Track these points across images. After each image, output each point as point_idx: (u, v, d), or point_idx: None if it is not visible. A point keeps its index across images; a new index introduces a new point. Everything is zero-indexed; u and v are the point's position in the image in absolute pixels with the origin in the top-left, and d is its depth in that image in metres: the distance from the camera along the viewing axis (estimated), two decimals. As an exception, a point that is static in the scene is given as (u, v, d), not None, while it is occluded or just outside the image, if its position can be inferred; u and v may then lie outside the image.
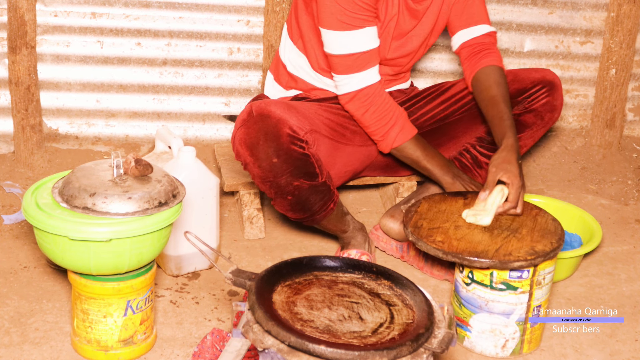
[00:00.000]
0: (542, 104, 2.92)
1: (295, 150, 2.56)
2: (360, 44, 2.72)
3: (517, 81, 2.96)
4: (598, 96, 3.85)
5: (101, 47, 3.39)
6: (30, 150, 3.41)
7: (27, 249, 2.89)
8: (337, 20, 2.67)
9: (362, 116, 2.80)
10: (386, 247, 3.04)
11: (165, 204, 2.25)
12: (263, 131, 2.55)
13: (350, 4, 2.65)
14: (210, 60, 3.49)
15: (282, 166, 2.58)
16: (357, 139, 2.89)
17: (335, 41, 2.72)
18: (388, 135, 2.83)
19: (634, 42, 3.77)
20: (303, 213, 2.73)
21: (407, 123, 2.85)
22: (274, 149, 2.56)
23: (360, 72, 2.75)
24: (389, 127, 2.81)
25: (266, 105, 2.59)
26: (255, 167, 2.61)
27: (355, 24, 2.68)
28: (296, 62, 2.93)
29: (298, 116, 2.61)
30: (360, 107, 2.78)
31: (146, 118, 3.53)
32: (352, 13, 2.67)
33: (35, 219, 2.20)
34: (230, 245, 3.03)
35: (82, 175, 2.26)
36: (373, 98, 2.77)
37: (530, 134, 2.98)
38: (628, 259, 3.09)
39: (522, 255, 2.40)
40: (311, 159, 2.61)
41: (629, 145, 3.96)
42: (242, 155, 2.63)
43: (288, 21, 2.97)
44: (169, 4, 3.39)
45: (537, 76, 2.95)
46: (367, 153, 2.96)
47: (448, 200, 2.76)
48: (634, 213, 3.46)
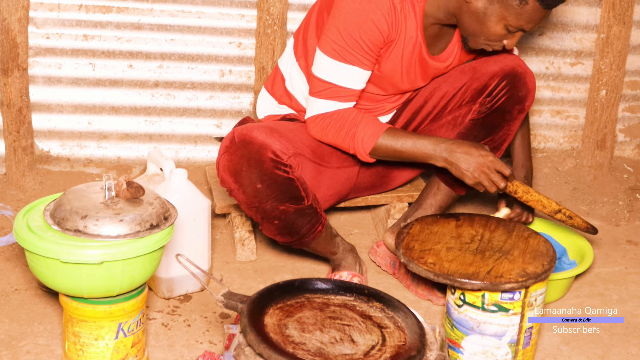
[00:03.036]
0: (506, 99, 2.84)
1: (280, 175, 2.56)
2: (342, 79, 2.68)
3: (475, 79, 2.88)
4: (589, 117, 3.87)
5: (93, 69, 3.40)
6: (22, 172, 3.41)
7: (18, 272, 2.89)
8: (333, 48, 2.65)
9: (323, 138, 2.76)
10: (381, 263, 3.06)
11: (157, 226, 2.25)
12: (246, 157, 2.55)
13: (351, 40, 2.62)
14: (202, 82, 3.50)
15: (266, 191, 2.58)
16: (334, 161, 2.87)
17: (322, 64, 2.69)
18: (355, 144, 2.74)
19: (624, 64, 3.79)
20: (291, 237, 2.73)
21: (370, 124, 2.73)
22: (258, 175, 2.56)
23: (327, 99, 2.71)
24: (351, 135, 2.73)
25: (248, 130, 2.58)
26: (240, 194, 2.61)
27: (348, 58, 2.65)
28: (295, 80, 2.91)
29: (281, 140, 2.60)
30: (320, 129, 2.74)
31: (138, 140, 3.53)
32: (350, 48, 2.64)
33: (27, 242, 2.19)
34: (222, 267, 3.03)
35: (73, 198, 2.26)
36: (330, 118, 2.72)
37: (505, 130, 2.90)
38: (619, 280, 3.10)
39: (513, 277, 2.40)
40: (296, 183, 2.61)
41: (619, 166, 3.97)
42: (226, 181, 2.63)
43: (295, 36, 2.93)
44: (160, 26, 3.40)
45: (496, 68, 2.85)
46: (346, 175, 2.94)
47: (440, 222, 2.76)
48: (626, 234, 3.47)
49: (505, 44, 2.68)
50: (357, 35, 2.62)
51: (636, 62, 3.86)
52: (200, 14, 3.41)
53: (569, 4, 3.69)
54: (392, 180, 3.14)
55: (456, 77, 2.92)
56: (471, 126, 2.89)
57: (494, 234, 2.69)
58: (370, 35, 2.62)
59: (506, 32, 2.62)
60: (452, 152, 2.69)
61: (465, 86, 2.89)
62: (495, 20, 2.59)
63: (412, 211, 3.04)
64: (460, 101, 2.90)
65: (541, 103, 3.83)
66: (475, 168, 2.68)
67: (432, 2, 2.69)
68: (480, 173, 2.68)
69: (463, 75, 2.91)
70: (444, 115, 2.94)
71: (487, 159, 2.67)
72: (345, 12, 2.61)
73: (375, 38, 2.64)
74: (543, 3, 2.54)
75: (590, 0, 3.71)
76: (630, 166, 3.97)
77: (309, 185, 2.72)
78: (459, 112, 2.91)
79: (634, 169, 3.95)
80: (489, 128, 2.87)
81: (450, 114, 2.93)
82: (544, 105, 3.84)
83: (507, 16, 2.57)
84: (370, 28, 2.61)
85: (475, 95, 2.87)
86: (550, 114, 3.86)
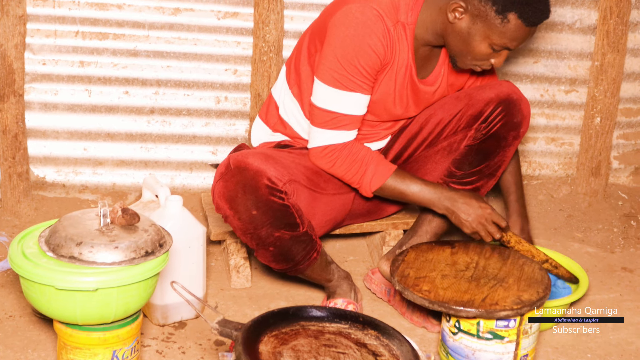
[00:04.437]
0: (502, 125, 2.85)
1: (275, 202, 2.57)
2: (345, 106, 2.70)
3: (471, 105, 2.89)
4: (583, 144, 3.88)
5: (89, 95, 3.41)
6: (17, 198, 3.41)
7: (12, 298, 2.88)
8: (333, 76, 2.66)
9: (331, 169, 2.78)
10: (376, 290, 3.05)
11: (152, 253, 2.25)
12: (241, 184, 2.56)
13: (350, 67, 2.64)
14: (197, 109, 3.51)
15: (261, 218, 2.58)
16: (330, 188, 2.88)
17: (323, 94, 2.70)
18: (363, 181, 2.79)
19: (618, 91, 3.80)
20: (286, 263, 2.72)
21: (380, 164, 2.79)
22: (253, 201, 2.56)
23: (334, 130, 2.73)
24: (361, 174, 2.77)
25: (244, 157, 2.59)
26: (235, 220, 2.62)
27: (349, 86, 2.66)
28: (289, 107, 2.92)
29: (276, 166, 2.61)
30: (328, 161, 2.76)
31: (133, 166, 3.53)
32: (350, 75, 2.65)
33: (22, 268, 2.19)
34: (217, 294, 3.02)
35: (68, 224, 2.25)
36: (340, 152, 2.75)
37: (500, 156, 2.91)
38: (615, 307, 3.09)
39: (508, 305, 2.40)
40: (291, 210, 2.61)
41: (614, 193, 3.97)
42: (221, 208, 2.64)
43: (287, 64, 2.94)
44: (157, 53, 3.41)
45: (491, 95, 2.87)
46: (342, 202, 2.95)
47: (435, 249, 2.76)
48: (620, 261, 3.47)
49: (493, 63, 2.70)
50: (356, 61, 2.63)
51: (630, 89, 3.88)
52: (196, 41, 3.42)
53: (563, 31, 3.71)
54: (387, 207, 3.14)
55: (452, 103, 2.93)
56: (466, 152, 2.90)
57: (489, 261, 2.69)
58: (368, 60, 2.64)
59: (491, 50, 2.64)
60: (454, 201, 2.77)
61: (460, 112, 2.89)
62: (479, 40, 2.62)
63: (407, 238, 3.04)
64: (455, 127, 2.91)
65: (536, 130, 3.84)
66: (474, 219, 2.76)
67: (421, 25, 2.72)
68: (478, 224, 2.76)
69: (458, 102, 2.92)
70: (439, 141, 2.95)
71: (486, 211, 2.76)
72: (341, 39, 2.63)
73: (374, 62, 2.66)
74: (525, 21, 2.56)
75: (584, 28, 3.73)
76: (625, 193, 3.98)
77: (305, 211, 2.72)
78: (455, 138, 2.92)
79: (628, 196, 3.96)
80: (484, 154, 2.87)
81: (445, 140, 2.93)
82: (539, 132, 3.86)
83: (491, 35, 2.59)
84: (367, 52, 2.63)
85: (470, 122, 2.88)
86: (545, 141, 3.87)
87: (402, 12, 2.70)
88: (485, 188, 2.96)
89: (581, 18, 3.72)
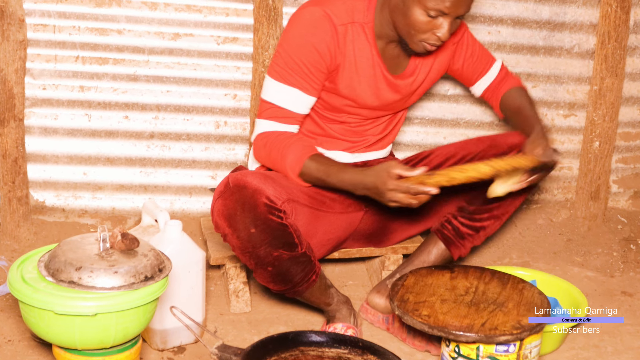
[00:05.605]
0: None
1: (273, 220, 2.57)
2: (283, 100, 2.77)
3: (494, 147, 2.94)
4: (582, 168, 3.88)
5: (89, 120, 3.41)
6: (17, 222, 3.41)
7: (11, 322, 2.87)
8: (275, 69, 2.77)
9: (260, 158, 2.82)
10: (374, 320, 3.03)
11: (151, 278, 2.25)
12: (240, 202, 2.57)
13: (291, 62, 2.73)
14: (197, 133, 3.51)
15: (260, 236, 2.59)
16: (337, 207, 2.90)
17: (265, 86, 2.80)
18: (286, 164, 2.73)
19: (616, 115, 3.81)
20: (284, 284, 2.72)
21: (301, 147, 2.74)
22: (252, 219, 2.57)
23: (268, 119, 2.79)
24: (282, 156, 2.74)
25: (243, 176, 2.61)
26: (234, 238, 2.62)
27: (289, 80, 2.75)
28: None
29: (275, 186, 2.63)
30: (257, 149, 2.82)
31: (133, 191, 3.53)
32: (291, 70, 2.73)
33: (21, 293, 2.19)
34: (216, 319, 3.02)
35: (68, 249, 2.26)
36: (267, 137, 2.78)
37: (511, 200, 2.95)
38: (615, 331, 3.09)
39: (508, 329, 2.40)
40: (289, 229, 2.62)
41: (613, 217, 3.97)
42: (220, 226, 2.65)
43: None
44: (156, 78, 3.42)
45: (515, 140, 2.92)
46: (349, 220, 2.96)
47: (435, 274, 2.76)
48: (620, 285, 3.47)
49: (439, 36, 2.69)
50: (298, 58, 2.73)
51: (629, 113, 3.88)
52: (196, 66, 3.43)
53: (561, 56, 3.72)
54: (390, 234, 3.14)
55: (473, 144, 3.00)
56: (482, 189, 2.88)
57: (488, 285, 2.69)
58: (310, 58, 2.73)
59: (429, 17, 2.64)
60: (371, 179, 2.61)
61: (482, 152, 2.95)
62: (414, 8, 2.64)
63: (403, 267, 3.05)
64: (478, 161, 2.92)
65: (535, 154, 3.84)
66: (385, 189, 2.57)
67: (377, 22, 2.80)
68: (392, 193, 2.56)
69: (480, 143, 2.99)
70: None
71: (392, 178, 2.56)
72: (289, 36, 2.75)
73: (316, 61, 2.74)
74: None
75: (583, 53, 3.75)
76: (624, 217, 3.98)
77: (304, 231, 2.74)
78: None
79: (628, 219, 3.96)
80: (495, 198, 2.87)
81: None
82: (538, 156, 3.86)
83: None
84: (310, 51, 2.72)
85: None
86: (544, 165, 3.88)
87: (358, 13, 2.79)
88: (490, 229, 3.01)
89: (579, 43, 3.73)
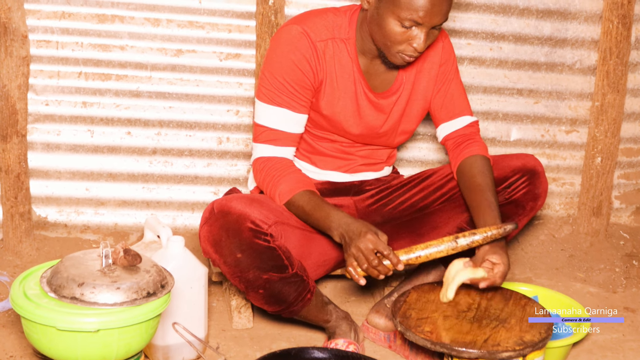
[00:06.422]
0: (523, 194, 2.87)
1: (260, 244, 2.57)
2: (274, 121, 2.77)
3: (496, 169, 2.91)
4: (584, 184, 3.88)
5: (91, 135, 3.42)
6: (19, 238, 3.41)
7: (13, 339, 2.87)
8: (262, 92, 2.78)
9: (256, 181, 2.82)
10: (375, 338, 3.02)
11: (153, 294, 2.25)
12: (225, 228, 2.57)
13: (276, 82, 2.73)
14: (199, 149, 3.52)
15: (247, 261, 2.58)
16: None
17: (257, 110, 2.81)
18: (276, 193, 2.73)
19: (618, 131, 3.82)
20: (278, 305, 2.72)
21: (294, 179, 2.73)
22: (237, 245, 2.57)
23: (264, 143, 2.79)
24: (274, 183, 2.74)
25: (227, 201, 2.61)
26: (221, 264, 2.63)
27: (276, 101, 2.75)
28: None
29: (261, 209, 2.61)
30: (255, 172, 2.82)
31: (135, 207, 3.54)
32: (277, 90, 2.74)
33: (23, 309, 2.19)
34: (219, 334, 3.01)
35: (70, 265, 2.26)
36: (265, 163, 2.78)
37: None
38: (617, 347, 3.08)
39: (510, 346, 2.39)
40: (277, 252, 2.61)
41: (616, 233, 3.97)
42: (207, 252, 2.65)
43: None
44: (159, 94, 3.43)
45: (518, 164, 2.90)
46: None
47: (437, 290, 2.76)
48: (622, 301, 3.46)
49: (415, 47, 2.66)
50: (282, 77, 2.73)
51: (631, 129, 3.89)
52: (199, 82, 3.44)
53: (563, 72, 3.73)
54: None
55: None
56: None
57: (490, 302, 2.69)
58: (293, 76, 2.73)
59: (404, 28, 2.63)
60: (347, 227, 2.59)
61: None
62: (388, 19, 2.63)
63: (401, 287, 3.04)
64: None
65: (537, 170, 3.84)
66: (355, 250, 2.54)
67: (359, 38, 2.81)
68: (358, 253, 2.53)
69: None
70: (459, 197, 2.96)
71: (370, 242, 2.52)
72: (270, 57, 2.76)
73: (299, 78, 2.74)
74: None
75: (584, 69, 3.75)
76: (627, 233, 3.98)
77: (296, 253, 2.73)
78: None
79: (630, 235, 3.96)
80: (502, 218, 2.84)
81: None
82: (540, 172, 3.86)
83: (394, 9, 2.60)
84: (291, 69, 2.73)
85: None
86: (546, 181, 3.88)
87: (338, 29, 2.79)
88: None
89: (581, 59, 3.74)
